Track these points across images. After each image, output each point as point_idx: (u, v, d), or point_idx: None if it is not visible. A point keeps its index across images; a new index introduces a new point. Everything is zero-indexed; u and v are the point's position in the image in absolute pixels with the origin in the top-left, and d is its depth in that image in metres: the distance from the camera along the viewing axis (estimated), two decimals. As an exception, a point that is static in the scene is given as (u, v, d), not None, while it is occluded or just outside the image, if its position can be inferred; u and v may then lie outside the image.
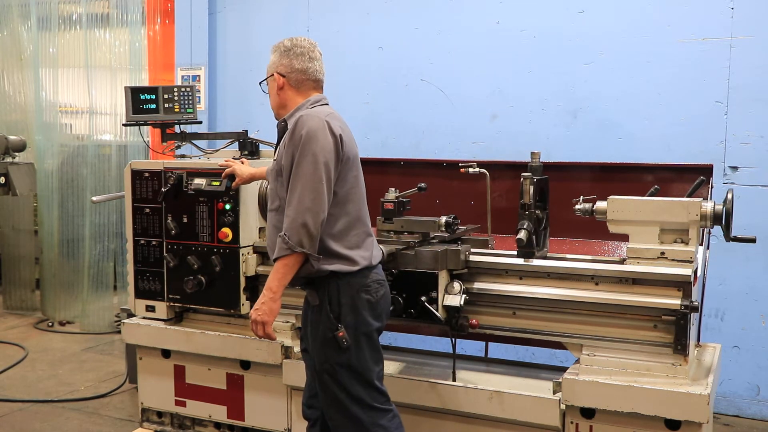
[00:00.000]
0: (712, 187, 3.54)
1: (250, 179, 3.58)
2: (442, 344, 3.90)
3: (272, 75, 2.97)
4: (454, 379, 3.40)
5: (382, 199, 3.54)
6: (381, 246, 3.06)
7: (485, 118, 5.06)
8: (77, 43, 6.61)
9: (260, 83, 3.09)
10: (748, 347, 4.53)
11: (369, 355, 2.83)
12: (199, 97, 5.97)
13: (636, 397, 2.89)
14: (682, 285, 2.94)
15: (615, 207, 3.05)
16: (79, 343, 6.12)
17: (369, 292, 2.81)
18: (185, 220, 3.83)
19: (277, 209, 2.83)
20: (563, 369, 3.30)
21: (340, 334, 2.73)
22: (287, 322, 3.80)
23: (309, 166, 2.66)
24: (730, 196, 3.02)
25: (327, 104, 2.97)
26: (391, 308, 3.05)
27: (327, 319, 2.76)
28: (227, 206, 3.71)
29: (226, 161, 3.68)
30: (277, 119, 3.05)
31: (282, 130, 2.96)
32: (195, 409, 3.96)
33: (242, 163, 3.67)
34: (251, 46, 5.95)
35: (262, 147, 4.32)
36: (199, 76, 6.05)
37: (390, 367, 4.07)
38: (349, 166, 2.81)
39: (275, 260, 2.73)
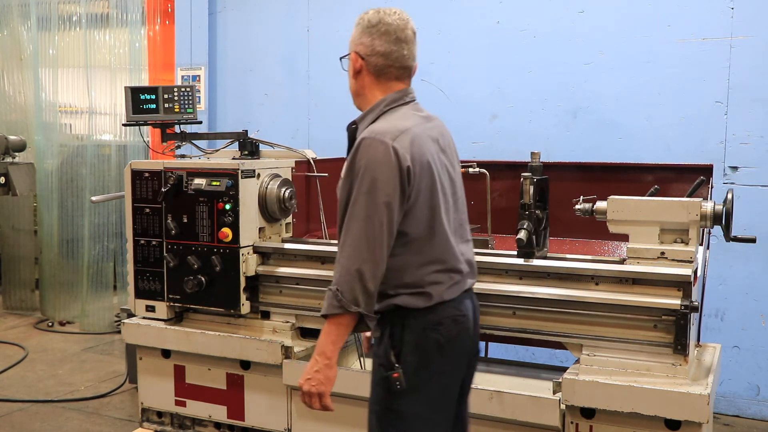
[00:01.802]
0: (712, 187, 3.54)
1: None
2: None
3: (351, 53, 2.51)
4: (454, 379, 3.40)
5: (382, 199, 3.53)
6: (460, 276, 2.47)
7: (485, 117, 5.06)
8: (77, 43, 6.61)
9: (341, 59, 2.61)
10: (748, 347, 4.53)
11: (427, 404, 2.36)
12: (199, 97, 5.97)
13: (636, 397, 2.89)
14: (682, 285, 2.93)
15: (615, 207, 3.05)
16: (79, 343, 6.12)
17: (439, 331, 2.34)
18: (185, 220, 3.83)
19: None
20: (563, 369, 3.30)
21: (395, 375, 2.28)
22: (287, 322, 3.80)
23: (369, 207, 2.20)
24: (730, 196, 3.01)
25: (411, 102, 2.48)
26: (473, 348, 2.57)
27: (384, 356, 2.33)
28: (227, 206, 3.71)
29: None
30: (355, 106, 2.60)
31: (352, 134, 2.50)
32: (195, 409, 3.96)
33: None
34: (251, 46, 5.95)
35: (262, 147, 4.33)
36: (199, 76, 6.05)
37: (390, 367, 4.07)
38: (422, 199, 2.30)
39: (325, 317, 2.27)
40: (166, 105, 4.16)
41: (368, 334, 2.73)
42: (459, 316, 2.40)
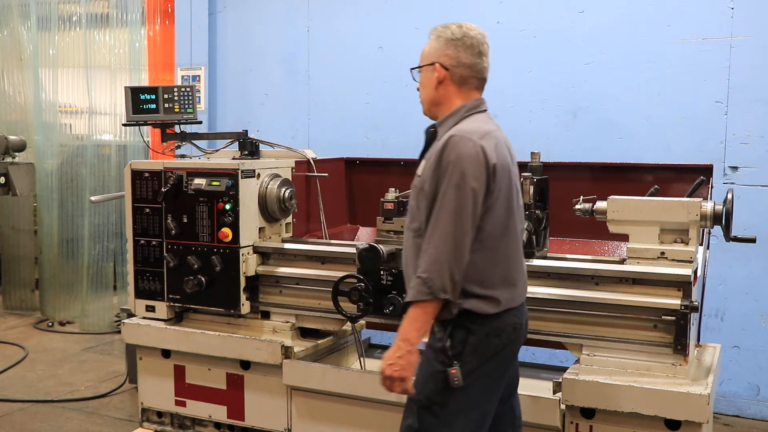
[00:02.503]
0: (712, 187, 3.54)
1: None
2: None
3: (432, 64, 2.57)
4: (454, 379, 3.40)
5: (382, 199, 3.54)
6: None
7: (485, 118, 5.05)
8: (77, 43, 6.61)
9: (412, 69, 2.68)
10: (748, 347, 4.53)
11: (471, 401, 2.45)
12: (199, 97, 5.97)
13: (636, 397, 2.89)
14: (682, 285, 2.94)
15: (615, 207, 3.05)
16: (79, 343, 6.12)
17: (500, 338, 2.45)
18: (185, 220, 3.83)
19: (416, 231, 2.46)
20: (563, 369, 3.30)
21: (453, 371, 2.37)
22: (287, 322, 3.80)
23: (458, 199, 2.32)
24: (730, 196, 3.02)
25: (485, 110, 2.62)
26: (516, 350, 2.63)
27: (443, 354, 2.41)
28: (227, 206, 3.71)
29: None
30: (426, 115, 2.67)
31: (431, 137, 2.59)
32: (195, 409, 3.96)
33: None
34: (251, 46, 5.95)
35: (262, 147, 4.33)
36: (199, 76, 6.05)
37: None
38: (501, 198, 2.42)
39: (410, 303, 2.36)
40: (166, 105, 4.16)
41: None
42: (518, 325, 2.52)
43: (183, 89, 4.20)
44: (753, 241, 3.22)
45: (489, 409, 2.52)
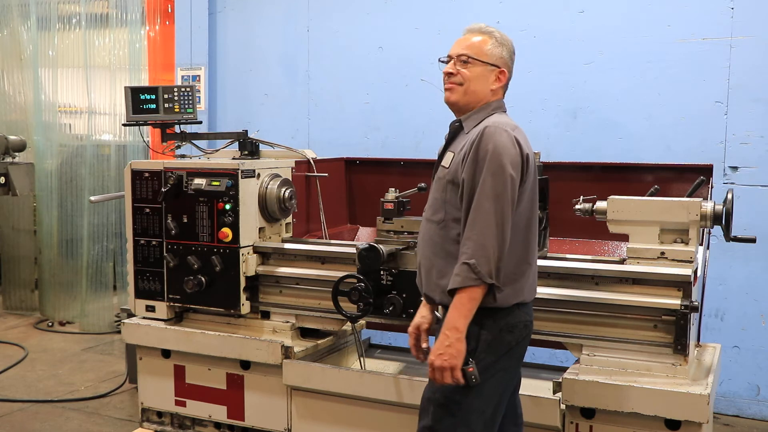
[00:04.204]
0: (712, 187, 3.54)
1: None
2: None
3: (498, 67, 2.62)
4: (454, 379, 3.40)
5: (382, 199, 3.54)
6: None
7: (485, 118, 5.05)
8: (77, 43, 6.61)
9: (467, 58, 2.61)
10: (748, 347, 4.53)
11: (486, 399, 2.47)
12: (199, 97, 5.97)
13: (636, 397, 2.89)
14: (682, 285, 2.94)
15: (615, 207, 3.05)
16: (79, 343, 6.12)
17: (513, 334, 2.48)
18: (185, 220, 3.83)
19: (440, 222, 2.51)
20: (563, 369, 3.30)
21: (470, 369, 2.37)
22: (287, 322, 3.80)
23: (499, 186, 2.37)
24: (730, 196, 3.02)
25: (506, 111, 2.69)
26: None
27: None
28: (227, 206, 3.71)
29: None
30: (453, 103, 2.65)
31: (456, 130, 2.66)
32: (195, 409, 3.96)
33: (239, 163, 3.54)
34: (251, 46, 5.95)
35: (262, 147, 4.33)
36: (199, 76, 6.05)
37: (390, 367, 4.08)
38: (529, 191, 2.50)
39: (456, 291, 2.36)
40: (166, 105, 4.16)
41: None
42: (529, 321, 2.56)
43: (183, 89, 4.20)
44: (753, 241, 3.22)
45: (502, 406, 2.55)
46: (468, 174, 2.44)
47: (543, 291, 3.18)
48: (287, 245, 3.84)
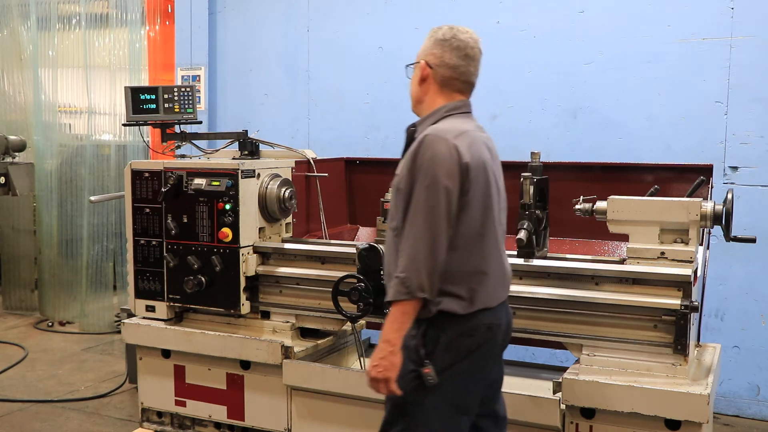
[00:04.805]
0: (712, 187, 3.54)
1: None
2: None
3: (419, 62, 2.60)
4: (454, 379, 3.40)
5: (382, 199, 3.54)
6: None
7: (485, 118, 5.00)
8: (77, 43, 6.61)
9: (407, 66, 2.68)
10: (748, 347, 4.53)
11: (446, 401, 2.45)
12: (199, 97, 5.97)
13: (636, 397, 2.89)
14: (682, 285, 2.94)
15: (615, 207, 3.05)
16: (79, 343, 6.12)
17: (473, 337, 2.44)
18: (185, 220, 3.83)
19: (395, 230, 2.47)
20: (563, 369, 3.30)
21: (426, 370, 2.38)
22: (287, 322, 3.80)
23: (432, 198, 2.32)
24: (730, 196, 3.02)
25: (467, 113, 2.61)
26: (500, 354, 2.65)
27: (415, 353, 2.43)
28: (227, 206, 3.71)
29: None
30: (413, 111, 2.68)
31: (410, 135, 2.60)
32: (195, 409, 3.96)
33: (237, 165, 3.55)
34: (251, 46, 5.95)
35: (262, 147, 4.33)
36: (199, 76, 6.05)
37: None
38: (477, 198, 2.42)
39: (390, 303, 2.38)
40: (166, 105, 4.16)
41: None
42: (494, 325, 2.50)
43: (183, 89, 4.20)
44: (753, 241, 3.22)
45: (466, 409, 2.51)
46: (405, 184, 2.41)
47: (543, 291, 3.19)
48: (287, 245, 3.84)
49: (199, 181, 3.77)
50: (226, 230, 3.71)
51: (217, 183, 3.72)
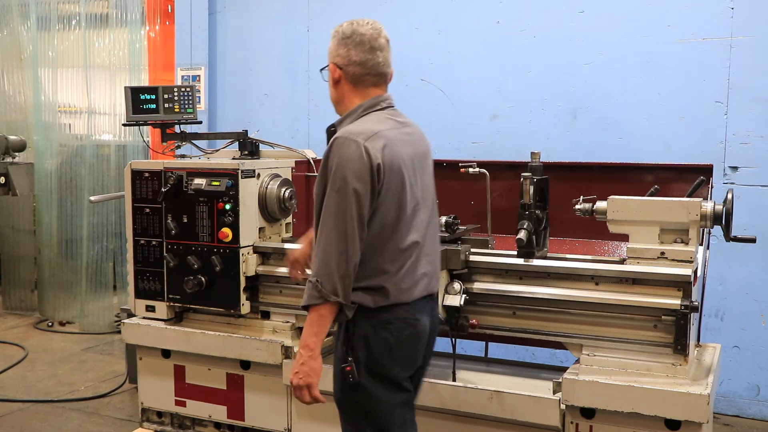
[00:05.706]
0: (712, 187, 3.54)
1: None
2: (442, 344, 3.86)
3: (328, 65, 2.60)
4: (454, 379, 3.40)
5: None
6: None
7: (485, 117, 5.06)
8: (77, 43, 6.61)
9: (321, 70, 2.70)
10: (748, 347, 4.53)
11: (382, 397, 2.47)
12: (199, 97, 5.97)
13: (636, 397, 2.89)
14: (682, 285, 2.93)
15: (615, 207, 3.05)
16: (79, 343, 6.12)
17: (390, 331, 2.44)
18: (185, 220, 3.83)
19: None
20: (563, 369, 3.30)
21: (348, 368, 2.41)
22: (287, 322, 3.80)
23: (342, 202, 2.32)
24: (730, 196, 3.01)
25: (388, 107, 2.58)
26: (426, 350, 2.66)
27: (341, 349, 2.47)
28: (227, 206, 3.71)
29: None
30: (336, 113, 2.66)
31: (330, 136, 2.55)
32: (195, 409, 3.96)
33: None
34: (251, 46, 5.95)
35: (262, 147, 4.33)
36: (199, 76, 6.05)
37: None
38: (390, 197, 2.41)
39: (306, 308, 2.39)
40: (166, 105, 4.16)
41: None
42: (411, 319, 2.49)
43: (183, 89, 4.20)
44: (753, 241, 3.22)
45: (397, 402, 2.52)
46: (318, 187, 2.42)
47: (543, 291, 3.18)
48: (287, 245, 3.84)
49: (199, 181, 3.77)
50: (226, 230, 3.71)
51: (217, 183, 3.72)
